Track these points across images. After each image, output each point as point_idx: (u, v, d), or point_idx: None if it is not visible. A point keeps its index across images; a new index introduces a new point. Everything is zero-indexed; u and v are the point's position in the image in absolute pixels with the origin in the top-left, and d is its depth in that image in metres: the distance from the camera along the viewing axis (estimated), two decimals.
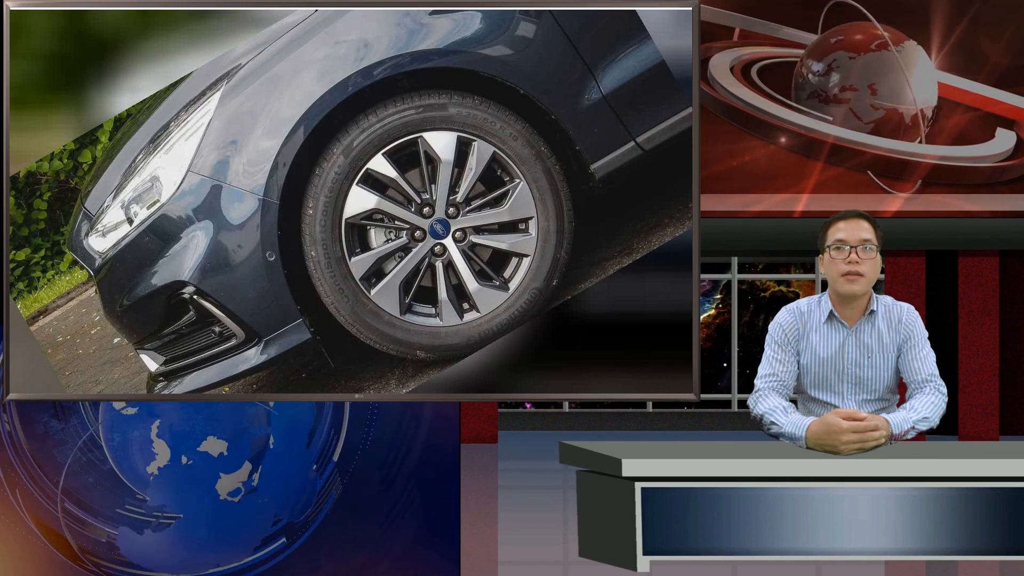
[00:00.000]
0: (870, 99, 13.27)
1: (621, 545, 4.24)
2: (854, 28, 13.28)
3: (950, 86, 13.34)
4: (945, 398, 4.72)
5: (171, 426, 5.36)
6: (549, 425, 18.14)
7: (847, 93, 13.26)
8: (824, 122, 13.26)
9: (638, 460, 4.22)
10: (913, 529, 4.21)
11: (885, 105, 13.29)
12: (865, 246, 4.69)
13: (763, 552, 4.21)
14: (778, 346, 4.77)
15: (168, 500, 5.34)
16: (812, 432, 4.49)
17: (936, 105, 13.35)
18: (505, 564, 7.49)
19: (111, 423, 5.34)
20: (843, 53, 13.28)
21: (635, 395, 5.20)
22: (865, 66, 13.27)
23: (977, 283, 14.94)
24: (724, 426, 18.00)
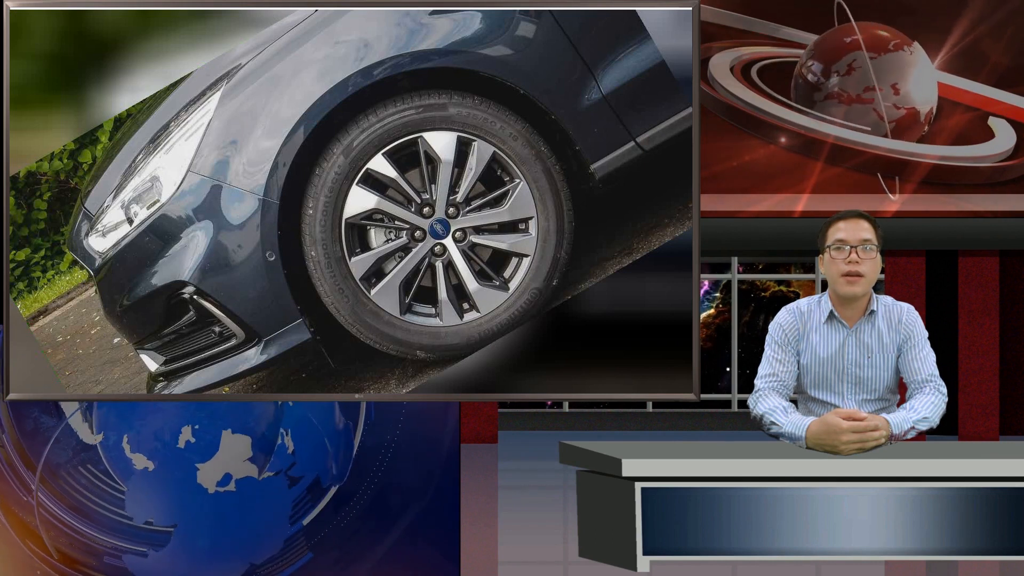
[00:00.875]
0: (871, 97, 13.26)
1: (621, 545, 4.24)
2: (857, 27, 13.28)
3: (950, 86, 13.34)
4: (945, 398, 4.72)
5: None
6: (549, 425, 18.14)
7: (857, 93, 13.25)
8: (826, 122, 13.26)
9: (638, 460, 4.22)
10: (913, 529, 4.21)
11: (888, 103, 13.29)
12: (865, 246, 4.69)
13: (763, 552, 4.21)
14: (778, 346, 4.77)
15: (160, 505, 5.34)
16: (812, 432, 4.49)
17: (936, 105, 13.35)
18: (505, 564, 7.49)
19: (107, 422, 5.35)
20: (848, 52, 13.27)
21: (635, 395, 5.20)
22: (871, 65, 13.27)
23: (977, 283, 14.94)
24: (724, 426, 17.99)
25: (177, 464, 5.33)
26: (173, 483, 5.33)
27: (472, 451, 13.97)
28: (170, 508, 5.34)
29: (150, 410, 5.32)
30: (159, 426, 5.33)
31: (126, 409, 5.33)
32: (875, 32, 13.29)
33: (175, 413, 5.32)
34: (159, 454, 5.33)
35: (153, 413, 5.33)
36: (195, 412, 5.34)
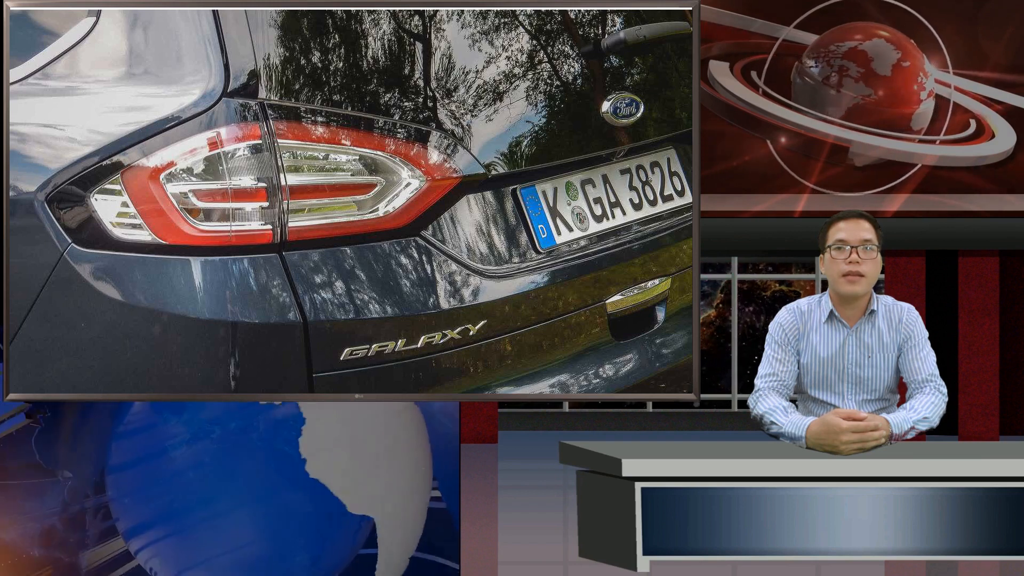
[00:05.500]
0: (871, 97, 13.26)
1: (621, 545, 4.24)
2: (857, 28, 13.28)
3: (950, 85, 13.34)
4: (945, 398, 4.72)
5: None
6: (549, 425, 18.14)
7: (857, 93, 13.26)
8: (825, 122, 13.26)
9: (638, 460, 4.22)
10: (913, 529, 4.20)
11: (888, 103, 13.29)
12: (866, 246, 4.69)
13: (763, 552, 4.21)
14: (778, 346, 4.77)
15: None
16: (812, 432, 4.49)
17: (936, 105, 13.35)
18: (505, 564, 7.49)
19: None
20: (848, 52, 13.27)
21: (635, 395, 5.19)
22: (871, 65, 13.27)
23: (977, 283, 14.94)
24: (724, 426, 18.00)
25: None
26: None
27: (472, 451, 13.97)
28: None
29: None
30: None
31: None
32: (875, 32, 13.29)
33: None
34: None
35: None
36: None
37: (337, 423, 5.32)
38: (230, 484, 5.29)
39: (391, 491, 5.35)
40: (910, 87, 13.31)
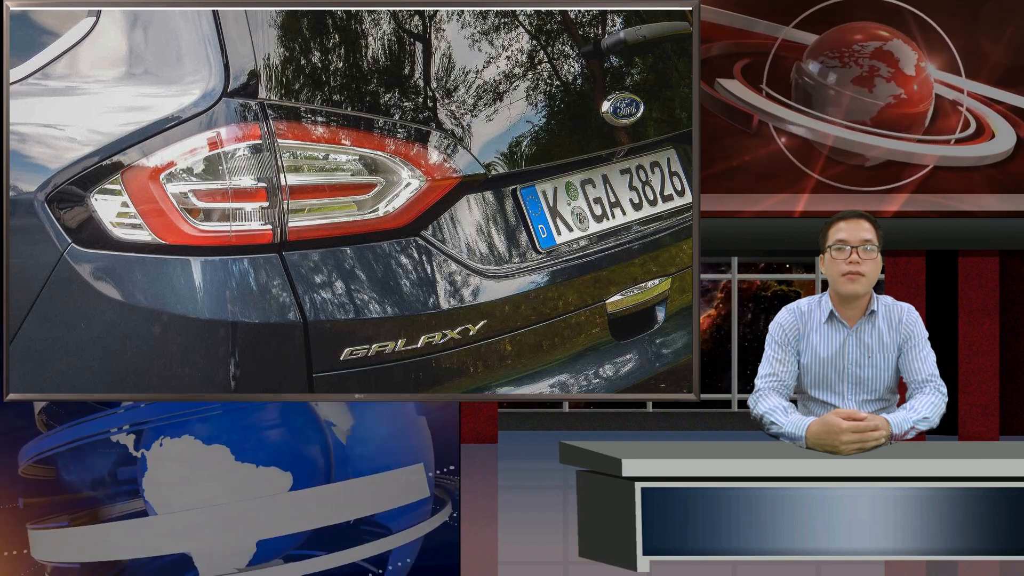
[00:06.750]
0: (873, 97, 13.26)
1: (621, 545, 4.24)
2: (856, 28, 13.28)
3: (950, 85, 13.34)
4: (945, 398, 4.72)
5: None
6: (549, 425, 18.14)
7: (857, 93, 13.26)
8: (826, 122, 13.26)
9: (638, 460, 4.22)
10: (913, 529, 4.20)
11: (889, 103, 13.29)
12: (866, 246, 4.69)
13: (763, 552, 4.21)
14: (778, 346, 4.77)
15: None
16: (812, 432, 4.49)
17: (936, 105, 13.35)
18: (505, 564, 7.49)
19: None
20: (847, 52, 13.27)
21: (635, 395, 5.19)
22: (869, 67, 13.27)
23: (977, 283, 14.94)
24: (724, 426, 17.99)
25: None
26: None
27: (472, 451, 13.97)
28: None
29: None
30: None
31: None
32: (875, 32, 13.29)
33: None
34: None
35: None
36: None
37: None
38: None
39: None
40: (930, 86, 13.31)
